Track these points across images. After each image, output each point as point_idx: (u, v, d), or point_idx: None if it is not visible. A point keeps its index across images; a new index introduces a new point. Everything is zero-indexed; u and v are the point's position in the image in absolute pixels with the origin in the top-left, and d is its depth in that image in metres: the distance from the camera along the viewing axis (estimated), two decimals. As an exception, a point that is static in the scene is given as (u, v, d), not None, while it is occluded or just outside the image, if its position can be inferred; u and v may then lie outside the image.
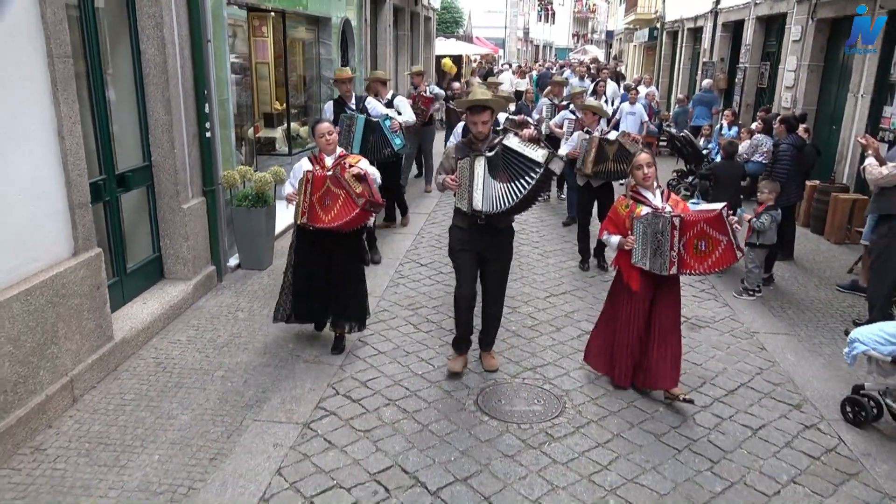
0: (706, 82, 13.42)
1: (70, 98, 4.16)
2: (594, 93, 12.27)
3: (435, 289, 6.41)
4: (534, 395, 4.51)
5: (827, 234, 8.55)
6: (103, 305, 4.54)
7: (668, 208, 4.31)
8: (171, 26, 5.46)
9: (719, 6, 14.74)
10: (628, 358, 4.49)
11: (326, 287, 4.82)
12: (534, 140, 4.23)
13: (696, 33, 17.38)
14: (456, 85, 12.88)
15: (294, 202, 4.63)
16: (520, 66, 24.67)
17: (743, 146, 9.34)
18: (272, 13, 8.94)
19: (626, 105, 11.55)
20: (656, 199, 4.38)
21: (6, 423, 3.61)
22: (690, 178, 9.61)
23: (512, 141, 4.29)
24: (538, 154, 4.21)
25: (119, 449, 3.75)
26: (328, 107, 7.16)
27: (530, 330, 5.54)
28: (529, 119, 8.80)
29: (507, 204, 4.25)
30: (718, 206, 4.14)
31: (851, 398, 4.29)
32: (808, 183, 8.79)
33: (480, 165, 4.28)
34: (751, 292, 6.42)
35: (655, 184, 4.43)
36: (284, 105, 9.73)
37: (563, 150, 7.24)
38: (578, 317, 5.83)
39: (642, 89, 14.47)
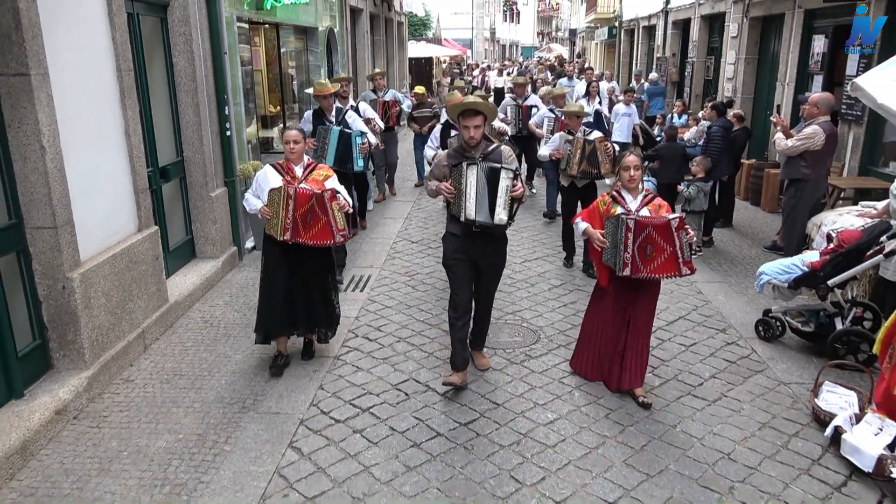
0: (653, 75, 14.68)
1: (132, 104, 5.16)
2: (587, 94, 11.75)
3: (426, 260, 7.48)
4: (515, 330, 5.62)
5: (763, 204, 9.81)
6: (160, 273, 5.54)
7: (645, 212, 4.33)
8: (197, 41, 6.45)
9: (669, 6, 16.06)
10: (606, 359, 4.58)
11: (295, 296, 4.79)
12: (516, 197, 4.27)
13: (651, 31, 18.72)
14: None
15: (268, 216, 4.54)
16: (489, 65, 25.80)
17: (692, 132, 10.57)
18: (266, 25, 9.91)
19: (621, 106, 11.38)
20: (634, 201, 4.41)
21: (104, 357, 4.61)
22: (646, 163, 10.83)
23: (505, 181, 4.22)
24: (502, 212, 4.23)
25: (192, 378, 4.77)
26: (307, 116, 7.15)
27: (509, 286, 6.64)
28: (508, 129, 8.59)
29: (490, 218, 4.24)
30: (674, 216, 4.25)
31: (762, 319, 5.48)
32: (745, 161, 10.07)
33: (473, 174, 4.22)
34: (692, 251, 7.61)
35: (641, 187, 4.48)
36: (278, 107, 10.71)
37: (545, 150, 7.33)
38: (549, 276, 6.96)
39: (604, 84, 15.63)
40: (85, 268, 4.45)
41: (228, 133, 7.09)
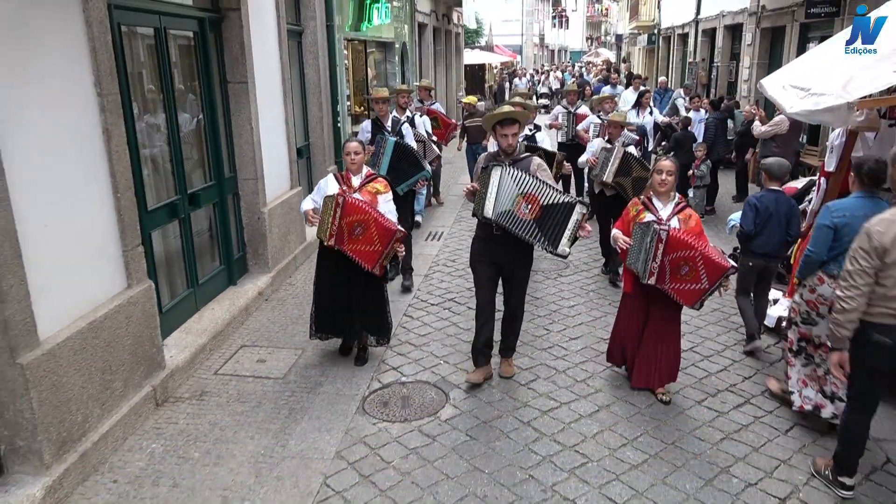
0: (662, 79, 16.74)
1: (289, 102, 7.59)
2: (637, 105, 10.94)
3: (485, 222, 9.74)
4: (551, 262, 7.83)
5: (765, 186, 11.70)
6: (303, 221, 7.93)
7: (675, 222, 4.32)
8: (321, 57, 8.88)
9: (699, 16, 17.96)
10: (630, 354, 4.76)
11: (348, 301, 5.01)
12: (581, 236, 4.45)
13: (684, 38, 20.56)
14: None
15: (315, 221, 4.78)
16: (555, 67, 27.79)
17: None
18: (355, 41, 12.36)
19: (693, 113, 11.22)
20: (665, 209, 4.40)
21: (278, 267, 7.01)
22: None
23: (576, 215, 4.32)
24: (566, 245, 4.36)
25: (332, 283, 7.13)
26: (366, 125, 7.60)
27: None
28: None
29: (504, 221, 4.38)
30: (732, 264, 4.24)
31: (731, 255, 7.53)
32: (753, 149, 11.99)
33: (497, 175, 4.36)
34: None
35: (673, 194, 4.47)
36: (362, 107, 13.16)
37: (583, 157, 7.42)
38: (580, 232, 9.14)
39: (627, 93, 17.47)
40: (269, 206, 6.87)
41: (339, 125, 9.51)
